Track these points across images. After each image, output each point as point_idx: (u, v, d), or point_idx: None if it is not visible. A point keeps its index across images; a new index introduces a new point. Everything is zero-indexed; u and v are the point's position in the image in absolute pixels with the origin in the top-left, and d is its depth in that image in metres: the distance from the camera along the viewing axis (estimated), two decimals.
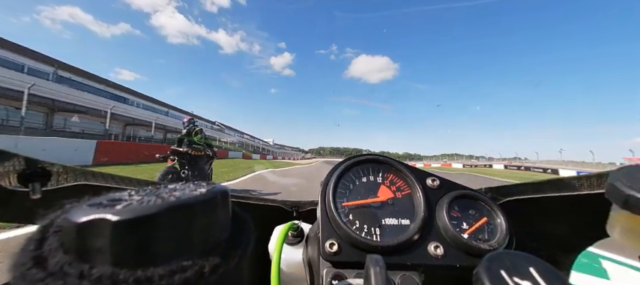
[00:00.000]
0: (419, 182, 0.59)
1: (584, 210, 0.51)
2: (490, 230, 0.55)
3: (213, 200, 0.17)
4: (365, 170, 0.62)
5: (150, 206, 0.14)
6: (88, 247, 0.13)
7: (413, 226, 0.53)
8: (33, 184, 0.47)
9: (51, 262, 0.13)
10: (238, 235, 0.18)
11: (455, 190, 0.60)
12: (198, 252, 0.15)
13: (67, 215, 0.14)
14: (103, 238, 0.13)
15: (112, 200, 0.15)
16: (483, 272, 0.27)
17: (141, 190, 0.18)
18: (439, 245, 0.51)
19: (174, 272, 0.14)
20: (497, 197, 0.63)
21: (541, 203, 0.56)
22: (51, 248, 0.14)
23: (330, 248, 0.51)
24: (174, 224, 0.15)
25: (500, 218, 0.55)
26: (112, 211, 0.14)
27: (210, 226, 0.17)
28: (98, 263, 0.13)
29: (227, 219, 0.18)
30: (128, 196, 0.16)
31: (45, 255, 0.13)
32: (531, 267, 0.26)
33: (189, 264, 0.14)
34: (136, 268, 0.13)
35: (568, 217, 0.54)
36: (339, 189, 0.59)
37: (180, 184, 0.19)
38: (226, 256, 0.16)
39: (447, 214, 0.55)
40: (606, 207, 0.36)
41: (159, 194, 0.16)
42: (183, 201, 0.15)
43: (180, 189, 0.18)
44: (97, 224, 0.13)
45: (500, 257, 0.28)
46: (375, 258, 0.25)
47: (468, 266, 0.51)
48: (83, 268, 0.13)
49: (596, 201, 0.42)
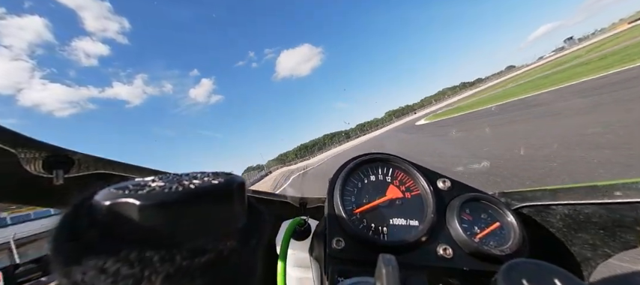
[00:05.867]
0: (429, 183, 0.58)
1: (612, 220, 0.48)
2: (503, 235, 0.54)
3: (231, 189, 0.18)
4: (373, 169, 0.62)
5: (172, 192, 0.16)
6: (116, 226, 0.15)
7: (422, 228, 0.52)
8: (56, 171, 0.49)
9: (85, 237, 0.14)
10: (254, 224, 0.19)
11: (467, 193, 0.59)
12: (217, 237, 0.16)
13: (97, 197, 0.16)
14: (129, 219, 0.14)
15: (136, 185, 0.16)
16: (503, 280, 0.26)
17: (163, 177, 0.19)
18: (448, 248, 0.51)
19: (195, 254, 0.15)
20: (512, 202, 0.61)
21: (560, 210, 0.55)
22: (84, 225, 0.15)
23: (336, 245, 0.51)
24: (194, 210, 0.16)
25: (514, 224, 0.54)
26: (138, 196, 0.15)
27: (227, 213, 0.18)
28: (126, 241, 0.14)
29: (243, 208, 0.19)
30: (152, 182, 0.17)
31: (79, 231, 0.15)
32: (556, 278, 0.25)
33: (209, 247, 0.15)
34: (160, 248, 0.14)
35: (590, 226, 0.52)
36: (347, 187, 0.59)
37: (200, 172, 0.20)
38: (243, 242, 0.17)
39: (458, 217, 0.54)
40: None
41: (180, 182, 0.17)
42: (203, 189, 0.16)
43: (200, 178, 0.18)
44: (125, 206, 0.14)
45: (521, 266, 0.27)
46: (388, 257, 0.25)
47: (478, 271, 0.50)
48: (114, 244, 0.14)
49: (628, 210, 0.40)
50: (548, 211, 0.56)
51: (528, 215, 0.59)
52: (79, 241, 0.14)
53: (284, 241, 0.61)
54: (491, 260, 0.50)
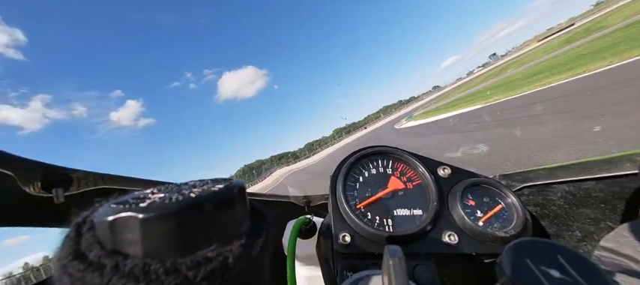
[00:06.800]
0: (430, 172, 0.58)
1: (611, 192, 0.49)
2: (506, 217, 0.55)
3: (231, 195, 0.18)
4: (374, 162, 0.62)
5: (173, 203, 0.15)
6: (121, 241, 0.15)
7: (425, 216, 0.53)
8: (56, 190, 0.49)
9: (90, 255, 0.14)
10: (258, 227, 0.19)
11: (467, 178, 0.59)
12: (220, 244, 0.16)
13: (98, 213, 0.16)
14: (132, 233, 0.14)
15: (136, 199, 0.16)
16: (507, 261, 0.26)
17: (162, 188, 0.19)
18: (453, 234, 0.51)
19: (200, 263, 0.14)
20: (512, 184, 0.61)
21: (560, 188, 0.55)
22: (88, 243, 0.15)
23: (343, 240, 0.51)
24: (196, 218, 0.15)
25: (516, 205, 0.54)
26: (139, 209, 0.15)
27: (230, 219, 0.17)
28: (130, 256, 0.14)
29: (245, 212, 0.19)
30: (151, 194, 0.17)
31: (83, 249, 0.15)
32: (559, 254, 0.25)
33: (213, 255, 0.15)
34: (165, 260, 0.14)
35: (591, 201, 0.52)
36: (348, 181, 0.59)
37: (199, 181, 0.20)
38: (248, 247, 0.17)
39: (461, 203, 0.54)
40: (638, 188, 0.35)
41: (180, 191, 0.17)
42: (204, 196, 0.16)
43: (199, 186, 0.18)
44: (127, 221, 0.14)
45: (524, 245, 0.27)
46: (394, 248, 0.25)
47: (484, 254, 0.51)
48: (118, 259, 0.14)
49: (626, 182, 0.40)
50: (548, 190, 0.57)
51: (529, 195, 0.60)
52: (84, 259, 0.14)
53: (291, 241, 0.61)
54: (496, 242, 0.50)
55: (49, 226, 0.54)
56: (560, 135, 4.98)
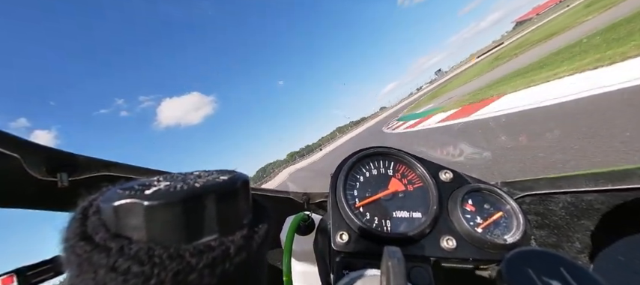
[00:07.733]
0: (431, 175, 0.58)
1: (613, 206, 0.48)
2: (506, 225, 0.54)
3: (235, 187, 0.18)
4: (375, 162, 0.62)
5: (177, 191, 0.16)
6: (125, 226, 0.15)
7: (425, 219, 0.53)
8: (61, 175, 0.50)
9: (96, 237, 0.15)
10: (259, 220, 0.19)
11: (469, 184, 0.59)
12: (223, 233, 0.16)
13: (104, 198, 0.16)
14: (137, 219, 0.15)
15: (142, 185, 0.17)
16: (508, 269, 0.26)
17: (168, 176, 0.19)
18: (451, 239, 0.51)
19: (202, 251, 0.15)
20: (514, 192, 0.61)
21: (562, 199, 0.55)
22: (94, 226, 0.15)
23: (340, 238, 0.51)
24: (200, 208, 0.16)
25: (517, 213, 0.54)
26: (144, 196, 0.15)
27: (233, 210, 0.18)
28: (135, 240, 0.15)
29: (248, 205, 0.19)
30: (157, 182, 0.18)
31: (89, 232, 0.15)
32: (561, 267, 0.25)
33: (216, 244, 0.15)
34: (168, 246, 0.15)
35: (592, 213, 0.52)
36: (349, 181, 0.59)
37: (204, 171, 0.20)
38: (249, 238, 0.17)
39: (460, 208, 0.54)
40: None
41: (185, 181, 0.17)
42: (208, 186, 0.17)
43: (204, 176, 0.19)
44: (132, 206, 0.15)
45: (526, 254, 0.27)
46: (393, 250, 0.25)
47: (482, 260, 0.51)
48: (123, 243, 0.14)
49: (629, 196, 0.40)
50: (550, 200, 0.56)
51: (531, 204, 0.59)
52: (90, 241, 0.15)
53: (288, 237, 0.62)
54: (495, 249, 0.50)
55: (51, 209, 0.55)
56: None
